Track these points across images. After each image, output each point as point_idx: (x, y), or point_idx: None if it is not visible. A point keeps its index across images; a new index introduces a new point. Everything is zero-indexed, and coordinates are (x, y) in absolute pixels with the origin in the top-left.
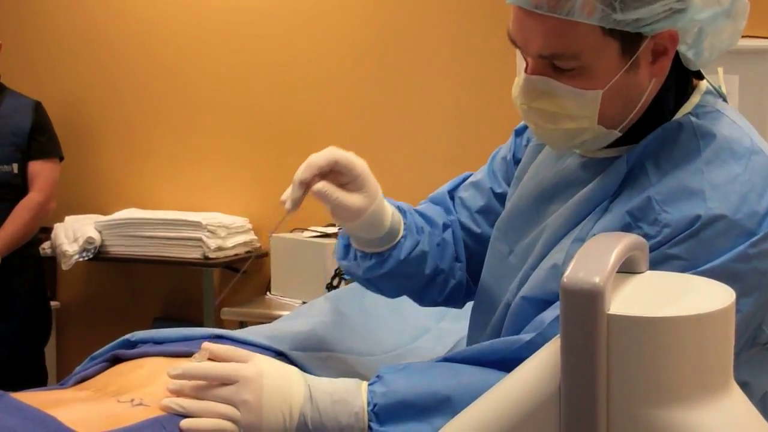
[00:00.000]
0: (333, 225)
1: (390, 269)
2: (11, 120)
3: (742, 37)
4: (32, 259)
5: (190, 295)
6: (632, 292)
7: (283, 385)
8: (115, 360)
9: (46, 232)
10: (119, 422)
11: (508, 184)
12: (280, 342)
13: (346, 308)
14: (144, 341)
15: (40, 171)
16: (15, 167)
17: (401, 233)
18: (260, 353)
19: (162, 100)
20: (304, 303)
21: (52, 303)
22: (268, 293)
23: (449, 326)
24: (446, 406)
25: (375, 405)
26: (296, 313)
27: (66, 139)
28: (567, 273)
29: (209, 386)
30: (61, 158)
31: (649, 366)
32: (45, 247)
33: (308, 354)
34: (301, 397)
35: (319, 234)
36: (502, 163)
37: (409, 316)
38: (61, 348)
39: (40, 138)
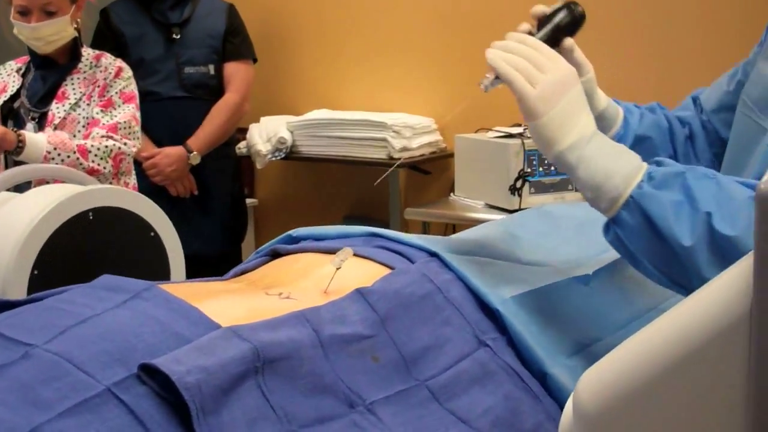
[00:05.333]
0: (519, 125)
1: None
2: (206, 22)
3: None
4: (230, 159)
5: (377, 195)
6: None
7: (581, 104)
8: (276, 255)
9: (242, 132)
10: (263, 315)
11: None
12: (434, 244)
13: (518, 231)
14: (305, 237)
15: (235, 72)
16: (211, 68)
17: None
18: (413, 254)
19: (353, 1)
20: (487, 205)
21: (250, 200)
22: (452, 194)
23: None
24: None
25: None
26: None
27: (260, 41)
28: (766, 178)
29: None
30: (255, 60)
31: None
32: (241, 147)
33: (465, 257)
34: (591, 126)
35: (503, 134)
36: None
37: (599, 236)
38: (259, 243)
39: (234, 40)
